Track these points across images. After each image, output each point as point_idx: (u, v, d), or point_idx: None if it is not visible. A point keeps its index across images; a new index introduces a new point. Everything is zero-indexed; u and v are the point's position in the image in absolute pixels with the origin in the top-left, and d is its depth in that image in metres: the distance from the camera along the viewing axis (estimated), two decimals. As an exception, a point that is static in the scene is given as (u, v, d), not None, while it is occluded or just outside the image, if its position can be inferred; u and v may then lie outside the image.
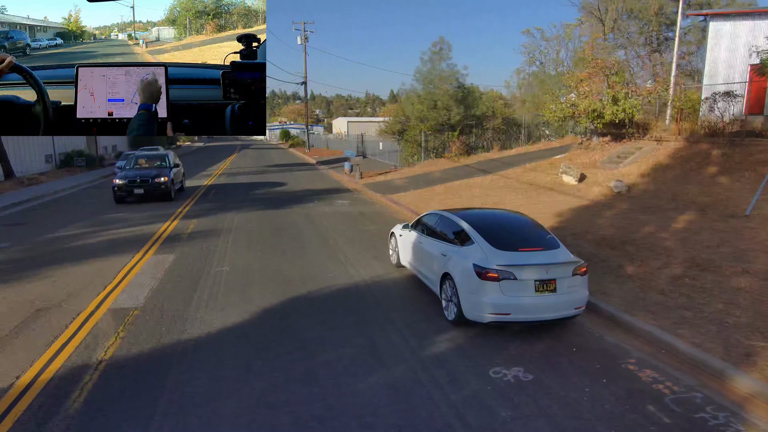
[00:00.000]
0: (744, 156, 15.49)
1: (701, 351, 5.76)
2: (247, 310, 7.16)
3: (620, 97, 18.29)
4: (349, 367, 5.53)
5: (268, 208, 16.46)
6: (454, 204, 15.89)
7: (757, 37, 19.30)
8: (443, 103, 24.93)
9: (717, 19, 20.93)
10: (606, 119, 18.72)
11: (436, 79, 25.56)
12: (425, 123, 25.86)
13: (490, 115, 26.05)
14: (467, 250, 6.63)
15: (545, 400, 4.88)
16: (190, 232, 12.48)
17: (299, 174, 28.80)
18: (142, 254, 10.26)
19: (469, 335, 6.40)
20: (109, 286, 8.23)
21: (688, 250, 9.20)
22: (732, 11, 20.68)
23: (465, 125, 25.87)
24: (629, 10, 27.46)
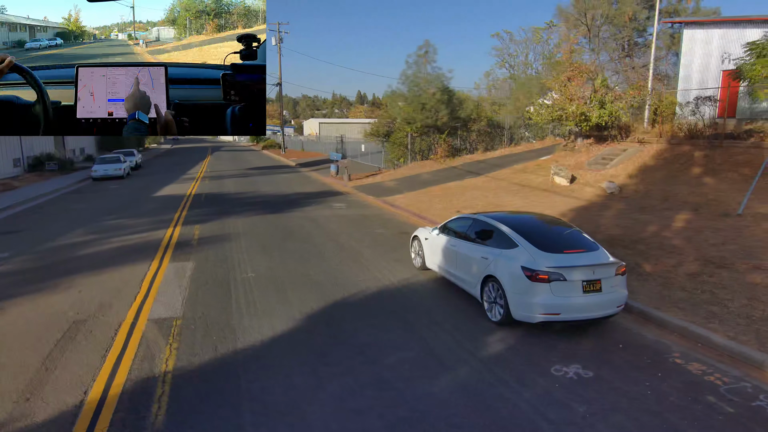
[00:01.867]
0: (725, 157, 16.38)
1: (738, 344, 6.16)
2: (291, 317, 7.16)
3: (607, 101, 19.00)
4: (414, 370, 5.64)
5: (267, 212, 16.33)
6: (456, 206, 16.17)
7: (728, 43, 20.45)
8: (430, 105, 25.25)
9: (691, 26, 22.03)
10: (593, 122, 19.42)
11: (422, 81, 25.86)
12: (411, 125, 26.12)
13: (475, 118, 26.54)
14: (512, 253, 6.85)
15: (613, 395, 5.14)
16: (198, 238, 12.28)
17: (283, 177, 28.56)
18: (158, 262, 10.05)
19: (517, 335, 6.62)
20: (138, 295, 8.06)
21: (696, 248, 9.73)
22: (704, 19, 21.80)
23: (450, 127, 26.26)
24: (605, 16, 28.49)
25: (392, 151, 27.56)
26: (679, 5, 30.46)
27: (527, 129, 28.41)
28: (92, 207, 17.63)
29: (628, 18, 27.59)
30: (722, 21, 20.95)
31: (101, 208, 17.17)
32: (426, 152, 26.79)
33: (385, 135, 28.20)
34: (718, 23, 20.97)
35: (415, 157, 26.86)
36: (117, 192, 22.15)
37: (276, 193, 21.44)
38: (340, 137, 38.24)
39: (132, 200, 19.39)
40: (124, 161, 28.64)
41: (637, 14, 27.85)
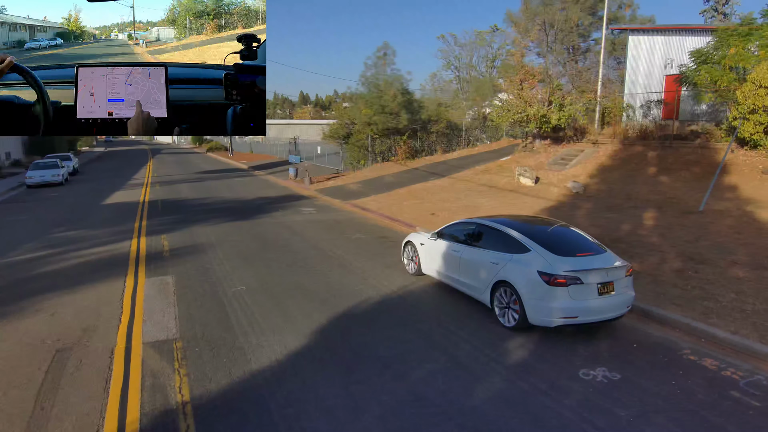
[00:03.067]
0: (676, 157, 17.44)
1: (740, 337, 6.48)
2: (300, 332, 6.81)
3: (566, 103, 19.72)
4: (447, 382, 5.49)
5: (235, 219, 15.62)
6: (428, 209, 16.18)
7: (670, 50, 21.83)
8: (390, 107, 25.22)
9: (636, 33, 23.36)
10: (552, 124, 20.10)
11: (383, 83, 25.78)
12: (372, 127, 25.98)
13: (434, 120, 26.79)
14: (525, 257, 6.85)
15: (646, 396, 5.23)
16: (169, 249, 11.50)
17: (239, 181, 27.55)
18: (133, 277, 9.29)
19: (533, 340, 6.63)
20: (123, 316, 7.38)
21: (673, 245, 10.23)
22: (649, 27, 23.17)
23: (410, 129, 26.36)
24: (552, 22, 29.64)
25: (352, 153, 27.29)
26: (618, 13, 32.23)
27: (483, 131, 29.04)
28: (37, 218, 16.14)
29: (574, 24, 28.85)
30: (664, 29, 22.34)
31: (47, 219, 15.75)
32: (386, 154, 26.74)
33: (344, 137, 27.87)
34: (660, 31, 22.35)
35: (375, 159, 26.74)
36: (60, 201, 20.45)
37: (238, 198, 20.60)
38: (293, 139, 37.43)
39: (80, 209, 17.95)
40: (62, 166, 26.53)
41: (582, 20, 29.18)
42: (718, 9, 48.67)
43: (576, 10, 28.28)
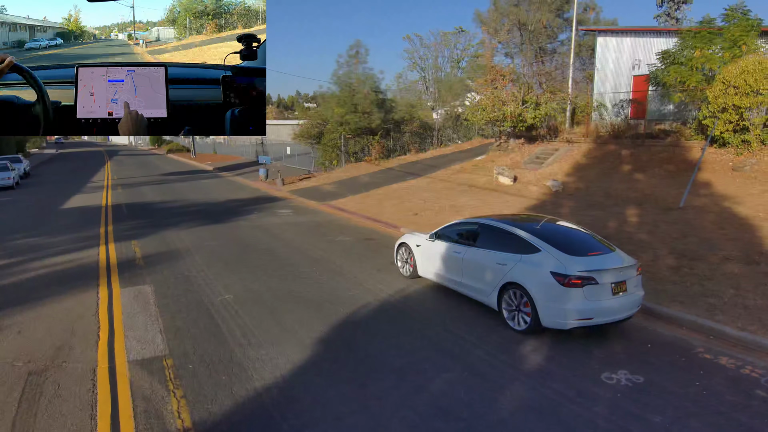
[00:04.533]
0: (649, 155, 17.80)
1: (750, 334, 6.44)
2: (301, 343, 6.33)
3: (542, 102, 19.85)
4: (469, 393, 5.17)
5: (208, 222, 14.85)
6: (410, 209, 15.88)
7: (637, 51, 22.35)
8: (363, 107, 24.82)
9: (604, 34, 23.81)
10: (528, 122, 20.20)
11: (355, 82, 25.35)
12: (344, 127, 25.51)
13: (408, 119, 26.56)
14: (535, 258, 6.61)
15: (675, 399, 5.05)
16: (143, 256, 10.73)
17: (207, 183, 26.51)
18: (106, 288, 8.55)
19: (546, 343, 6.40)
20: (101, 331, 6.70)
21: (662, 241, 10.29)
22: (617, 28, 23.67)
23: (383, 129, 26.04)
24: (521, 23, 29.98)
25: (324, 153, 26.72)
26: (582, 15, 32.93)
27: (455, 130, 29.04)
28: (-12, 225, 14.87)
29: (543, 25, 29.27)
30: (632, 30, 22.87)
31: (1, 226, 14.52)
32: (359, 154, 26.32)
33: (316, 137, 27.27)
34: (628, 32, 22.85)
35: (349, 160, 26.28)
36: (13, 206, 19.02)
37: (208, 200, 19.71)
38: (260, 140, 36.44)
39: (38, 215, 16.70)
40: (12, 168, 24.79)
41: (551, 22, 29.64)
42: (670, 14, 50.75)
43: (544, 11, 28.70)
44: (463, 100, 28.77)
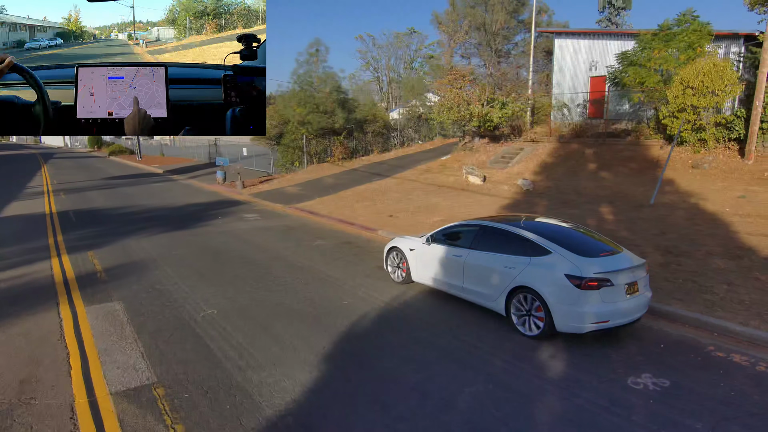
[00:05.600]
0: (612, 154, 18.30)
1: (753, 329, 6.51)
2: (306, 362, 5.80)
3: (509, 102, 20.00)
4: (500, 407, 4.84)
5: (171, 229, 13.84)
6: (384, 210, 15.50)
7: (594, 53, 23.02)
8: (325, 106, 24.20)
9: (562, 36, 24.38)
10: (495, 122, 20.31)
11: (316, 81, 24.68)
12: (306, 127, 24.78)
13: (371, 119, 26.15)
14: (546, 260, 6.39)
15: (707, 402, 4.94)
16: (104, 269, 9.74)
17: (159, 187, 24.99)
18: (68, 307, 7.61)
19: (562, 348, 6.19)
20: (72, 359, 5.87)
21: (643, 238, 10.43)
22: (573, 30, 24.28)
23: (346, 129, 25.52)
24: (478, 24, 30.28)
25: (285, 154, 25.87)
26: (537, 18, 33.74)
27: (416, 130, 28.93)
28: None
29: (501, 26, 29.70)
30: (588, 32, 23.54)
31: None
32: (322, 155, 25.66)
33: (275, 137, 26.34)
34: (584, 34, 23.50)
35: (311, 161, 25.55)
36: (-62, 215, 17.02)
37: (164, 206, 18.49)
38: (214, 141, 34.93)
39: (-31, 225, 14.99)
40: None
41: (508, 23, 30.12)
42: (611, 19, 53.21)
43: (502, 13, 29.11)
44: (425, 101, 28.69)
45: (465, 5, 31.09)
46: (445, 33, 31.09)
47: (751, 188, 13.62)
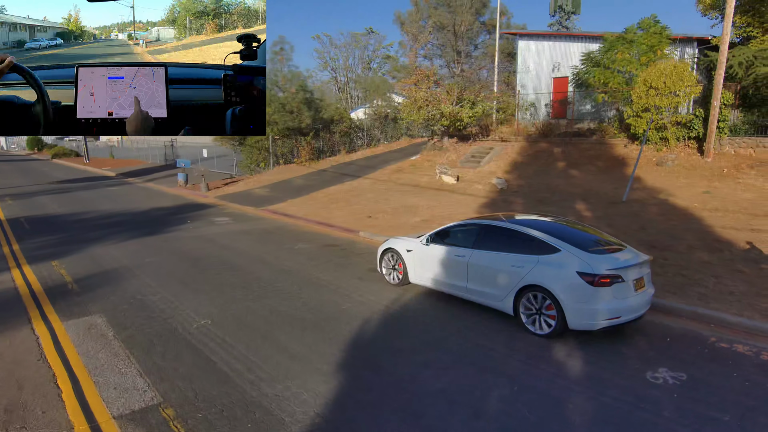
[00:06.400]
0: (579, 152, 18.81)
1: (748, 320, 6.75)
2: (321, 372, 5.51)
3: (478, 101, 20.19)
4: (532, 411, 4.74)
5: (139, 235, 13.06)
6: (362, 211, 15.25)
7: (556, 54, 23.64)
8: (291, 106, 23.66)
9: (525, 38, 24.90)
10: (465, 122, 20.46)
11: (281, 80, 24.09)
12: (272, 127, 24.14)
13: (337, 119, 25.80)
14: (556, 258, 6.37)
15: (728, 394, 5.03)
16: (74, 280, 9.01)
17: (117, 190, 23.68)
18: (42, 323, 6.95)
19: (574, 346, 6.18)
20: (59, 381, 5.32)
21: (625, 234, 10.70)
22: (537, 32, 24.85)
23: (313, 129, 25.07)
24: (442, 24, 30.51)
25: (250, 155, 25.10)
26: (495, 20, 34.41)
27: (382, 131, 28.81)
28: None
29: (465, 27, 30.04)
30: (551, 35, 24.16)
31: None
32: (288, 156, 25.08)
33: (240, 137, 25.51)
34: (548, 36, 24.10)
35: (277, 162, 24.92)
36: None
37: (127, 210, 17.49)
38: (170, 141, 33.49)
39: None
40: None
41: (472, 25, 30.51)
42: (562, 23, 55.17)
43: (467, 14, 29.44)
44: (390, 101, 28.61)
45: (428, 6, 31.24)
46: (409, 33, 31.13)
47: (713, 184, 14.31)
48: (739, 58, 16.45)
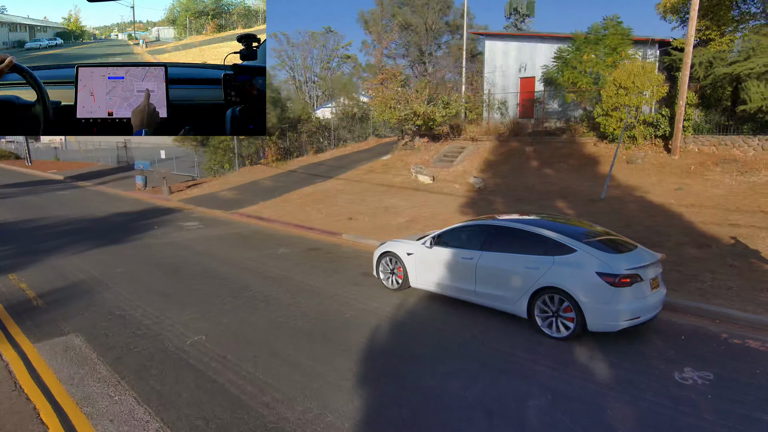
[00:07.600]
0: (551, 151, 19.07)
1: (752, 314, 6.84)
2: (341, 388, 5.08)
3: (452, 101, 20.11)
4: (575, 421, 4.51)
5: (104, 243, 12.09)
6: (341, 213, 14.79)
7: (523, 55, 23.97)
8: (257, 105, 22.81)
9: (492, 38, 25.12)
10: (438, 121, 20.34)
11: (246, 78, 23.18)
12: (236, 127, 23.19)
13: (305, 119, 25.12)
14: (573, 259, 6.21)
15: (759, 392, 4.99)
16: (38, 295, 8.13)
17: (69, 195, 22.10)
18: (10, 347, 6.15)
19: (595, 348, 6.04)
20: (44, 415, 4.64)
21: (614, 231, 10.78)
22: (504, 33, 25.11)
23: (279, 129, 24.31)
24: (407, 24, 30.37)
25: (213, 156, 24.05)
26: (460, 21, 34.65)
27: (349, 131, 28.33)
28: None
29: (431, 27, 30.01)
30: (518, 35, 24.46)
31: None
32: (254, 157, 24.21)
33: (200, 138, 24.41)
34: (514, 37, 24.39)
35: (243, 163, 24.00)
36: None
37: (84, 216, 16.26)
38: (123, 142, 31.71)
39: None
40: None
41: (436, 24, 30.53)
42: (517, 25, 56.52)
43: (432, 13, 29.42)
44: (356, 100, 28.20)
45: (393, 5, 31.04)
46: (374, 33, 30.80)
47: (684, 181, 14.77)
48: (700, 58, 17.13)
